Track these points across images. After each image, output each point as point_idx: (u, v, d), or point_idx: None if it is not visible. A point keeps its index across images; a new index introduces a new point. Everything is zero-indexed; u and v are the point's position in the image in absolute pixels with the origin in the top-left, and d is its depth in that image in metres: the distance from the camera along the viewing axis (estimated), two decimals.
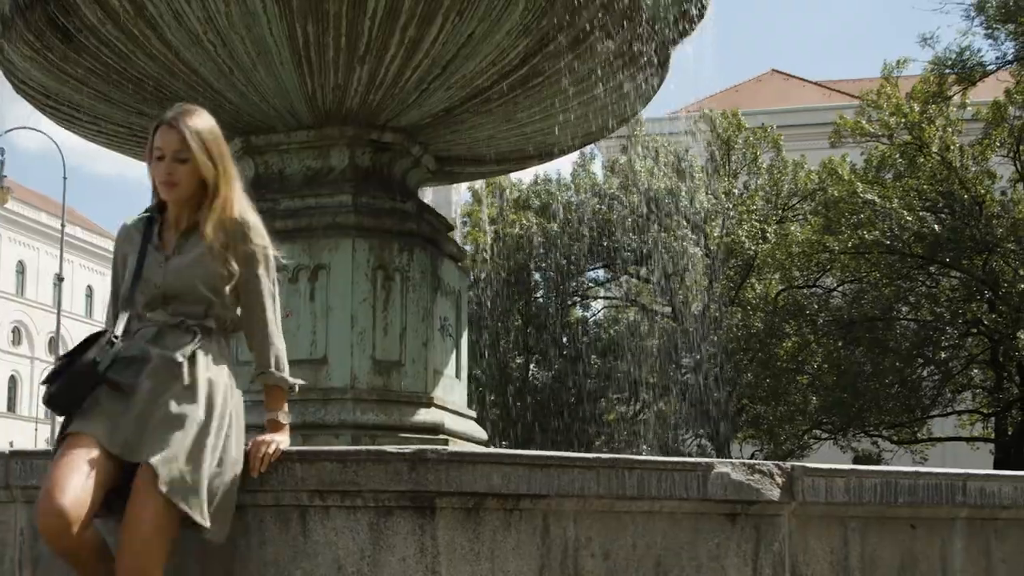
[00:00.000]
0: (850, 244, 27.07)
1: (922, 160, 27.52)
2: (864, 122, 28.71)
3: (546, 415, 31.98)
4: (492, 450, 3.81)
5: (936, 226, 26.30)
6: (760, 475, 4.16)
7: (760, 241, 30.25)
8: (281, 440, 4.14)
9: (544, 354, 33.20)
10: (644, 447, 30.05)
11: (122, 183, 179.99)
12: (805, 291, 29.81)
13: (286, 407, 4.30)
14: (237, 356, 7.52)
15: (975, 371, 28.69)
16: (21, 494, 4.34)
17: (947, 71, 26.63)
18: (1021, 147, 27.99)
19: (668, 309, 32.97)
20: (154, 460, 3.81)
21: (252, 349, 4.48)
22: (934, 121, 27.41)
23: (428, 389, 7.59)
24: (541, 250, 32.37)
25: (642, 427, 32.11)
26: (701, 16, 8.31)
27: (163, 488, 3.76)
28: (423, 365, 7.60)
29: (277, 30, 6.82)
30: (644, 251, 31.75)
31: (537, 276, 33.77)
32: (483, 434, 8.17)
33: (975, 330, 27.36)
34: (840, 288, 30.10)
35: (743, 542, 4.25)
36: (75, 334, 49.25)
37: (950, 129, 27.72)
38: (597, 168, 33.64)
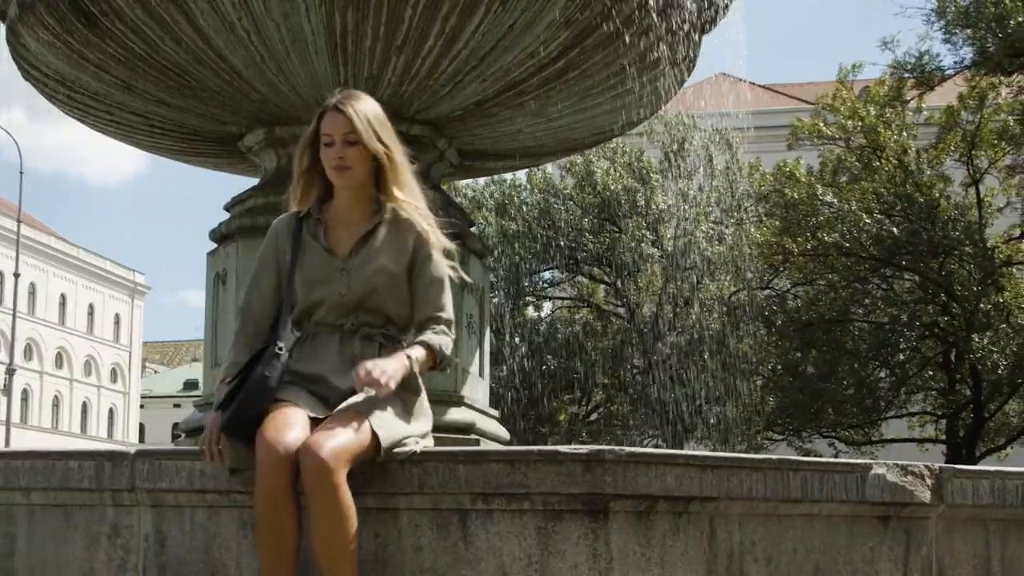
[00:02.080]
0: (809, 246, 27.19)
1: (878, 164, 27.71)
2: (821, 125, 28.85)
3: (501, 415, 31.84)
4: (665, 451, 3.62)
5: (894, 229, 26.48)
6: (912, 476, 4.04)
7: (716, 242, 30.33)
8: (391, 367, 3.96)
9: (498, 354, 33.07)
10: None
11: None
12: (760, 292, 29.90)
13: (422, 358, 4.10)
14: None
15: (929, 373, 28.92)
16: (147, 497, 4.11)
17: (906, 75, 26.82)
18: (973, 152, 28.26)
19: (622, 310, 32.99)
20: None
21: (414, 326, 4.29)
22: (890, 125, 27.60)
23: (458, 388, 7.42)
24: (497, 250, 32.24)
25: (598, 426, 32.13)
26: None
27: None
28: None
29: (315, 17, 6.62)
30: (600, 251, 31.75)
31: (491, 276, 33.65)
32: (506, 434, 8.01)
33: (930, 333, 27.59)
34: (794, 290, 30.24)
35: (895, 545, 4.13)
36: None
37: (905, 133, 27.94)
38: (553, 168, 33.49)
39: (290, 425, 3.77)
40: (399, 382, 3.94)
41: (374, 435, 3.75)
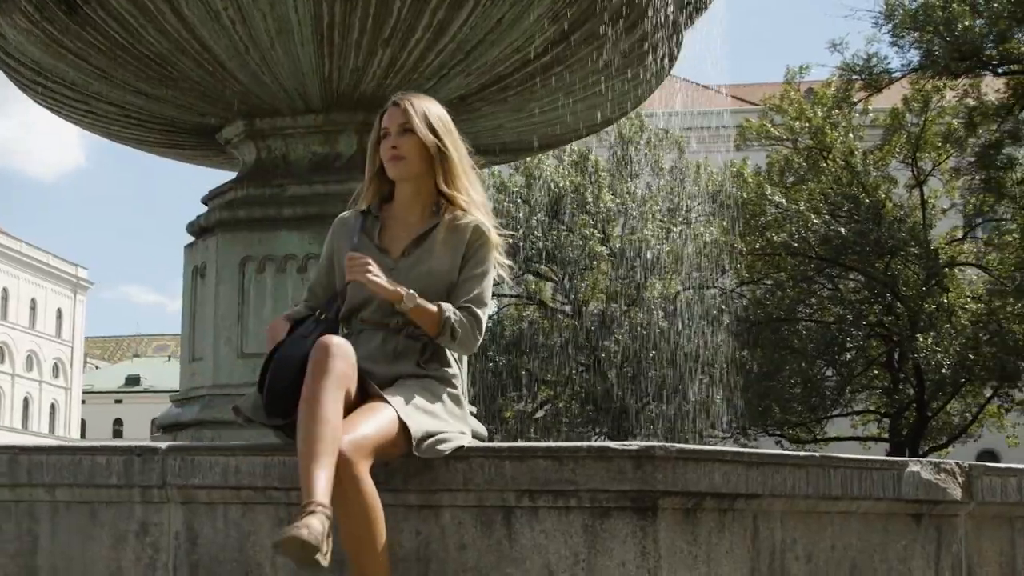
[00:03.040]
0: (757, 246, 27.39)
1: (824, 164, 27.99)
2: (769, 126, 29.09)
3: None
4: (714, 447, 3.59)
5: (841, 229, 26.75)
6: (945, 474, 4.05)
7: (664, 240, 30.47)
8: (379, 276, 4.00)
9: None
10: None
11: None
12: (708, 291, 30.08)
13: (417, 307, 4.04)
14: (241, 349, 7.34)
15: (873, 372, 29.26)
16: (178, 494, 4.02)
17: (855, 77, 27.11)
18: (918, 154, 28.62)
19: (569, 307, 33.05)
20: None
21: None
22: (837, 126, 27.89)
23: None
24: None
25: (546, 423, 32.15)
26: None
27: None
28: None
29: (303, 8, 6.53)
30: (548, 249, 31.77)
31: None
32: (484, 430, 7.97)
33: (875, 332, 27.91)
34: (740, 288, 30.46)
35: (927, 543, 4.13)
36: None
37: (852, 134, 28.25)
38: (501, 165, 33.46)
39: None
40: (383, 288, 3.99)
41: (403, 427, 3.71)
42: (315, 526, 3.35)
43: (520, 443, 3.79)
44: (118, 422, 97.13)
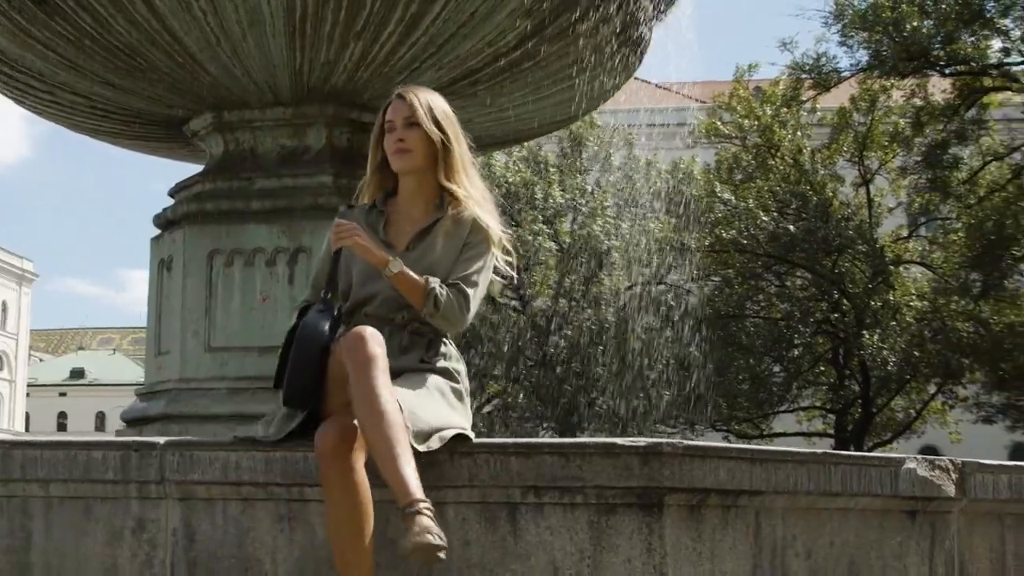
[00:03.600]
0: (707, 242, 27.53)
1: (773, 162, 28.18)
2: (719, 123, 29.25)
3: None
4: (719, 444, 3.59)
5: (790, 227, 26.95)
6: (939, 471, 4.09)
7: (613, 236, 30.53)
8: (367, 241, 4.03)
9: None
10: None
11: None
12: (657, 287, 30.20)
13: (401, 273, 4.02)
14: (208, 343, 7.28)
15: (820, 368, 29.52)
16: (176, 490, 3.97)
17: (804, 76, 27.32)
18: (865, 153, 28.88)
19: (517, 303, 33.04)
20: None
21: None
22: (786, 125, 28.09)
23: None
24: None
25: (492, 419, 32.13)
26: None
27: None
28: None
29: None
30: None
31: None
32: None
33: (822, 329, 28.15)
34: (688, 285, 30.60)
35: (921, 540, 4.17)
36: None
37: (800, 133, 28.46)
38: None
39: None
40: (369, 252, 4.01)
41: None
42: (431, 525, 3.36)
43: (527, 439, 3.75)
44: (62, 415, 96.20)
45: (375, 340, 3.70)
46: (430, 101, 4.30)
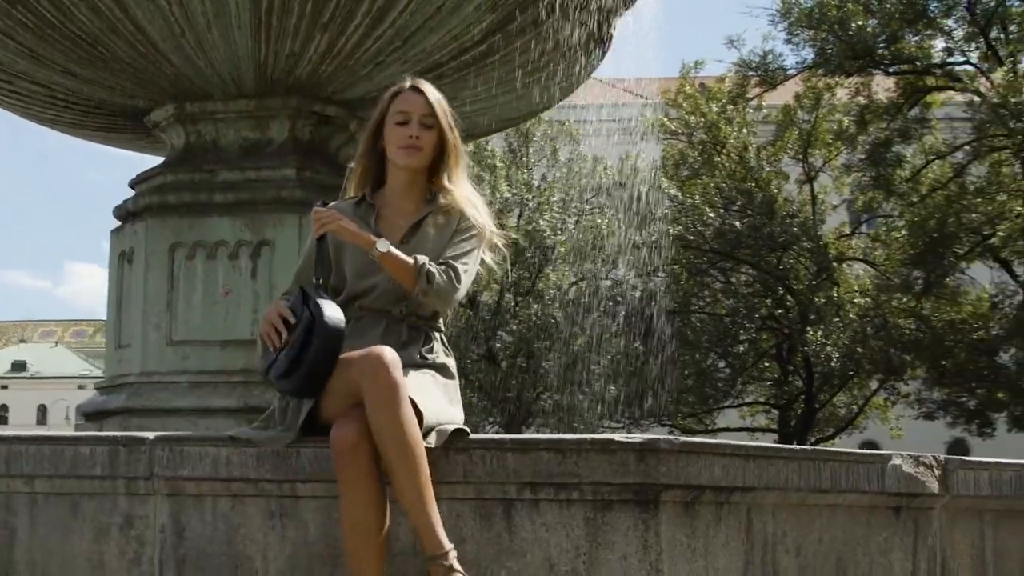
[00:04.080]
0: (654, 238, 27.61)
1: (719, 159, 28.34)
2: (665, 120, 29.35)
3: None
4: (713, 440, 3.60)
5: (736, 223, 27.11)
6: (924, 467, 4.12)
7: (559, 231, 30.56)
8: (350, 225, 4.01)
9: None
10: None
11: None
12: (603, 282, 30.27)
13: (389, 253, 3.97)
14: (170, 336, 7.22)
15: (764, 364, 29.73)
16: (165, 485, 3.91)
17: (751, 73, 27.50)
18: (809, 150, 29.10)
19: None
20: None
21: None
22: (732, 122, 28.25)
23: None
24: None
25: None
26: None
27: None
28: None
29: None
30: None
31: None
32: None
33: (766, 325, 28.35)
34: (634, 280, 30.69)
35: (905, 536, 4.21)
36: None
37: (746, 130, 28.63)
38: None
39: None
40: (355, 235, 3.99)
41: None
42: None
43: (523, 435, 3.74)
44: (3, 408, 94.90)
45: (396, 365, 3.63)
46: (441, 100, 4.26)
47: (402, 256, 3.98)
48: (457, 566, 3.45)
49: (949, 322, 26.93)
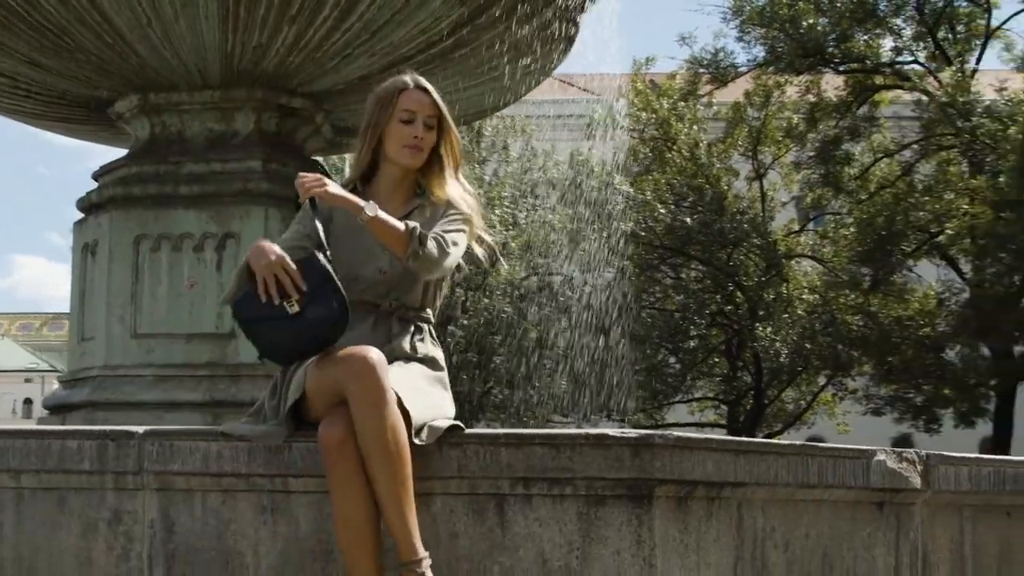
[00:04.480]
0: (606, 234, 27.67)
1: (670, 155, 28.45)
2: (616, 116, 29.40)
3: None
4: (705, 435, 3.60)
5: (687, 219, 27.22)
6: (907, 463, 4.16)
7: (511, 226, 30.57)
8: (337, 189, 3.95)
9: None
10: None
11: None
12: (554, 278, 30.31)
13: (378, 216, 3.89)
14: (135, 329, 7.15)
15: (714, 360, 29.88)
16: (154, 480, 3.85)
17: (702, 70, 27.62)
18: (758, 147, 29.28)
19: None
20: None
21: None
22: (683, 118, 28.36)
23: None
24: None
25: None
26: None
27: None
28: None
29: None
30: None
31: None
32: None
33: (716, 321, 28.50)
34: (586, 276, 30.75)
35: (887, 531, 4.24)
36: None
37: (696, 127, 28.75)
38: None
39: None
40: (343, 198, 3.92)
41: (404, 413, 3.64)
42: None
43: (517, 430, 3.73)
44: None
45: (382, 366, 3.60)
46: (441, 99, 4.26)
47: (392, 220, 3.90)
48: (430, 574, 3.45)
49: (896, 319, 27.16)
